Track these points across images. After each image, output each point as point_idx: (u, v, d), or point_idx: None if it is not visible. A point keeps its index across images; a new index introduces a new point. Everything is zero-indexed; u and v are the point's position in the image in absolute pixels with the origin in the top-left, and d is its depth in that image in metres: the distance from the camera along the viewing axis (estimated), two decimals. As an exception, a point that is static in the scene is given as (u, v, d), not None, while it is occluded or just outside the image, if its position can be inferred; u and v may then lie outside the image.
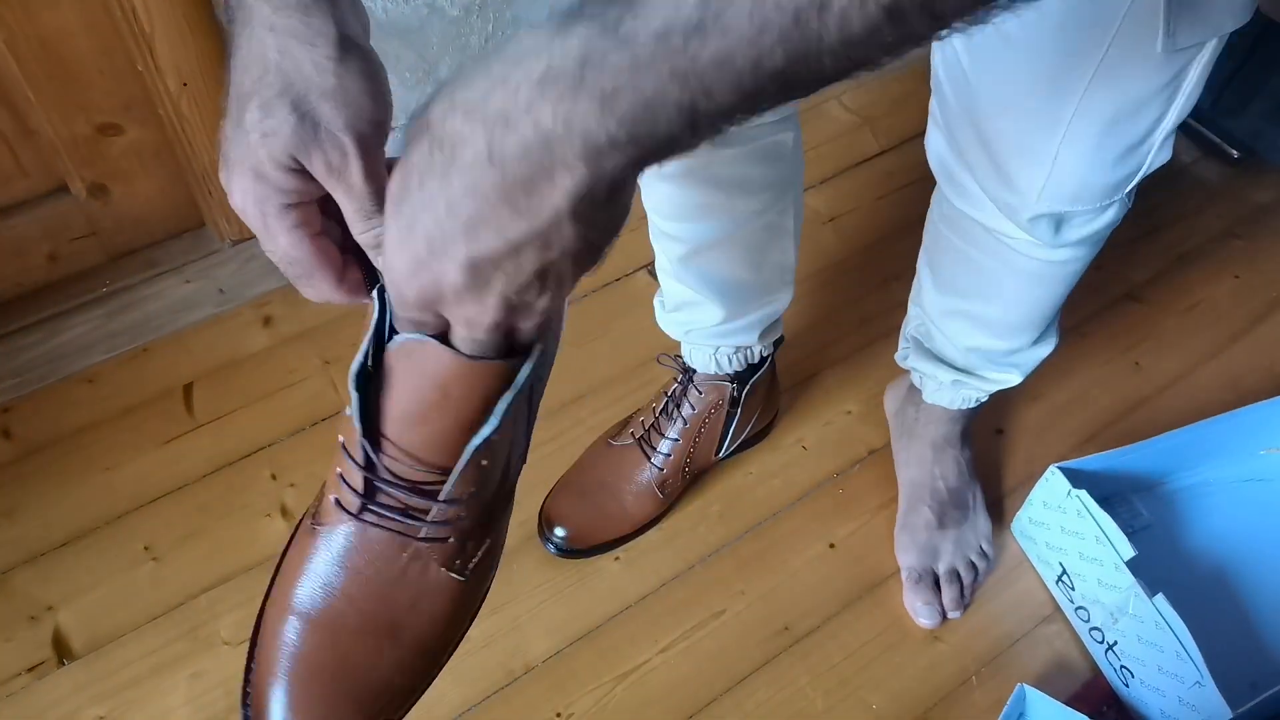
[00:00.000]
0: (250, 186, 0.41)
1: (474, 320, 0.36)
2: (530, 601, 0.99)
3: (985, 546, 1.04)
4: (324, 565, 0.45)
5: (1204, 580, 1.02)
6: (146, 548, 1.02)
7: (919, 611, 0.99)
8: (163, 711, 0.92)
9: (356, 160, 0.41)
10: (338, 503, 0.44)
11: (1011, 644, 1.00)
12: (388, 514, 0.44)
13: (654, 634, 0.98)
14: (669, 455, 1.02)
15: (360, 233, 0.43)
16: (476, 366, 0.38)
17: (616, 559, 1.03)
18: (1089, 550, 0.95)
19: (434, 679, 0.48)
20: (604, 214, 0.34)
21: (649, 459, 1.02)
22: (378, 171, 0.42)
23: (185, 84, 1.08)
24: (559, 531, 1.01)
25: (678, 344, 1.02)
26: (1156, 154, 0.69)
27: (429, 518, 0.44)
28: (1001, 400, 1.16)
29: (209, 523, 1.04)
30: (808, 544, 1.05)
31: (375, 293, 0.42)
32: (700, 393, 1.01)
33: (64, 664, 0.94)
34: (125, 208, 1.21)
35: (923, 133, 0.82)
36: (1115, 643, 0.94)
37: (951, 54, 0.69)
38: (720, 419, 1.02)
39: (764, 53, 0.29)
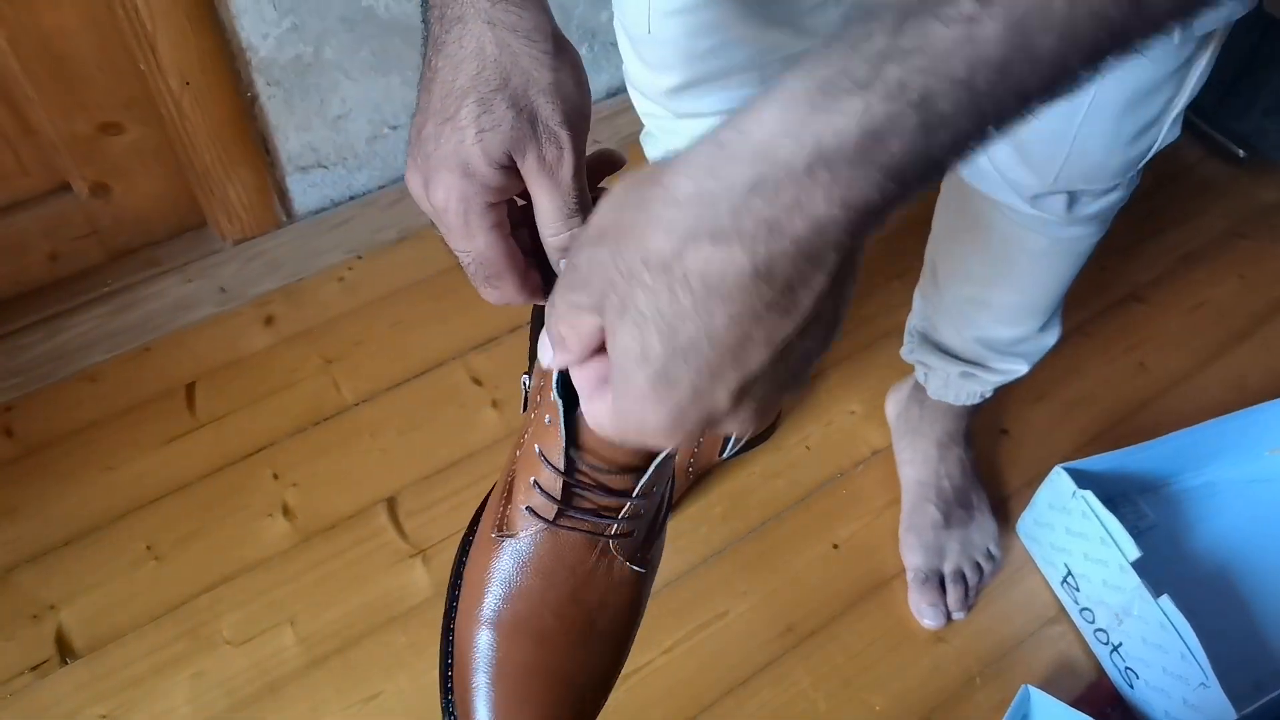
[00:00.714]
0: (456, 183, 0.41)
1: (728, 432, 0.34)
2: (532, 602, 0.99)
3: (993, 548, 1.04)
4: (514, 573, 0.46)
5: (1209, 582, 1.02)
6: (148, 547, 1.01)
7: (924, 612, 0.99)
8: (164, 711, 0.92)
9: (570, 155, 0.41)
10: (530, 510, 0.45)
11: (1016, 645, 0.99)
12: (581, 516, 0.45)
13: (656, 634, 0.98)
14: (672, 455, 1.02)
15: (554, 234, 0.43)
16: None
17: (619, 559, 1.03)
18: (1094, 551, 0.94)
19: (622, 668, 0.49)
20: (855, 268, 0.31)
21: (652, 459, 1.02)
22: (583, 168, 0.42)
23: (187, 83, 1.08)
24: (561, 531, 1.00)
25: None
26: (1168, 133, 0.71)
27: (620, 514, 0.46)
28: (1006, 401, 1.16)
29: (210, 522, 1.03)
30: (811, 544, 1.05)
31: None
32: (703, 392, 1.00)
33: (66, 663, 0.94)
34: (126, 206, 1.21)
35: None
36: (1120, 644, 0.94)
37: None
38: (723, 419, 1.01)
39: (1069, 65, 0.26)
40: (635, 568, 0.48)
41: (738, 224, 0.27)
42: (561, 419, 0.43)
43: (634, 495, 0.45)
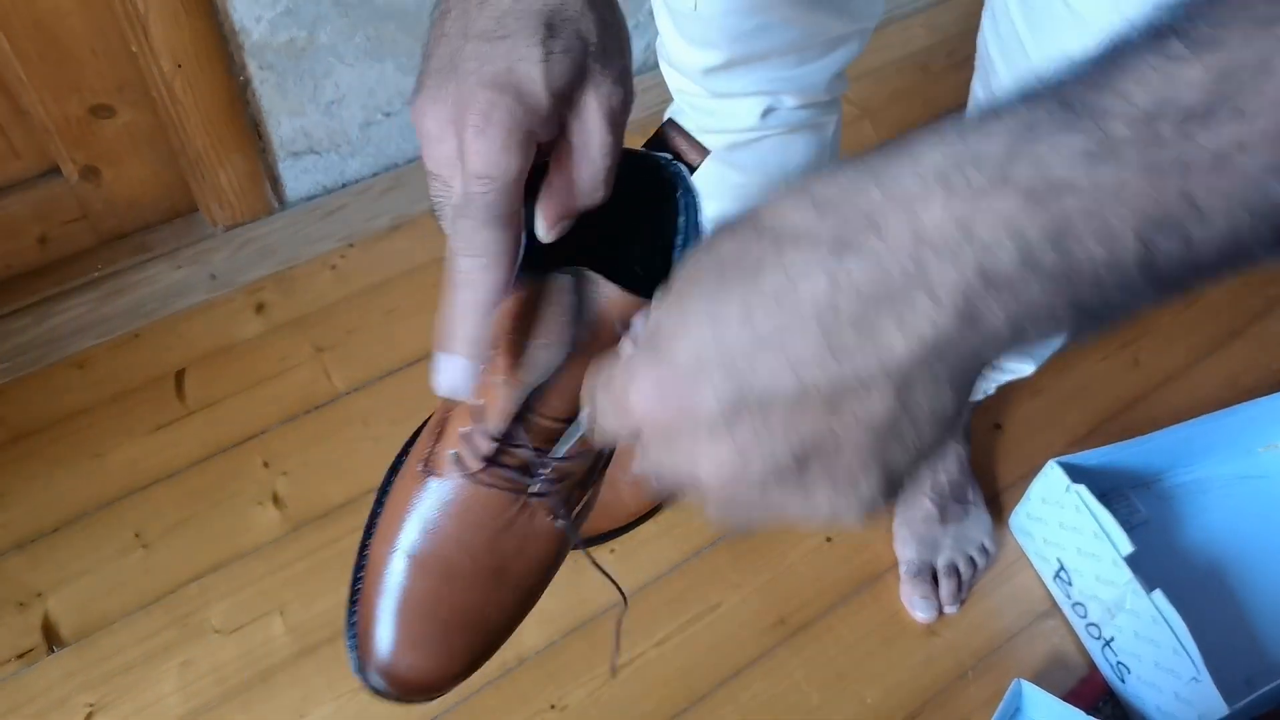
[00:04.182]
0: (504, 102, 0.34)
1: (693, 468, 0.28)
2: (524, 592, 0.99)
3: (987, 543, 1.03)
4: (435, 512, 0.46)
5: (1201, 577, 1.02)
6: (137, 534, 1.01)
7: (916, 605, 0.99)
8: (153, 699, 0.91)
9: (628, 108, 0.38)
10: (457, 458, 0.45)
11: (1008, 639, 1.00)
12: (504, 473, 0.45)
13: (649, 626, 0.98)
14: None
15: (592, 189, 0.38)
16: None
17: (612, 550, 1.02)
18: (1087, 545, 0.94)
19: (526, 615, 0.50)
20: (936, 396, 0.25)
21: (645, 450, 1.01)
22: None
23: (179, 65, 1.07)
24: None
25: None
26: None
27: (542, 474, 0.45)
28: (1000, 396, 1.16)
29: (200, 510, 1.03)
30: (804, 537, 1.05)
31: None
32: (698, 383, 1.00)
33: (53, 651, 0.93)
34: (117, 191, 1.19)
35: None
36: (1112, 638, 0.94)
37: (1009, 29, 0.67)
38: (718, 410, 1.01)
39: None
40: (557, 522, 0.47)
41: (847, 199, 0.25)
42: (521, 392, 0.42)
43: (554, 456, 0.44)
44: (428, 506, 0.46)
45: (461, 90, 0.35)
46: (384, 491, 0.49)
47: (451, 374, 0.36)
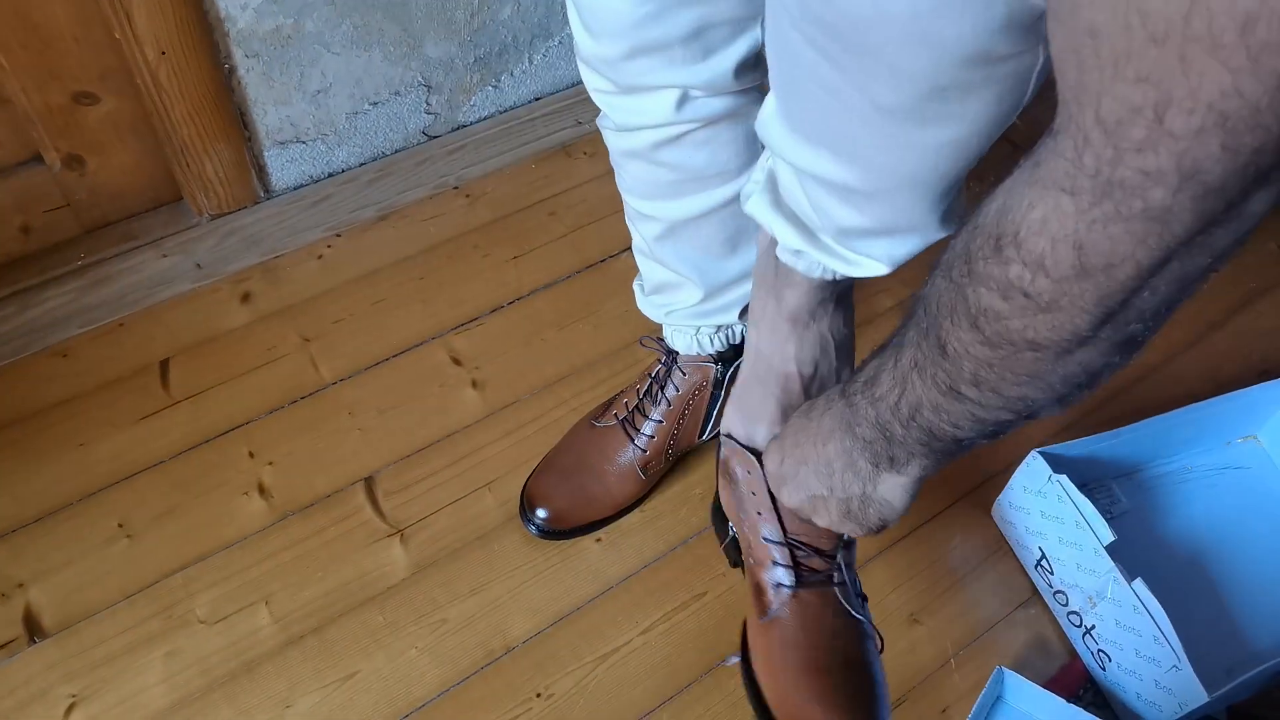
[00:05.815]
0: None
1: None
2: (511, 582, 0.99)
3: None
4: (793, 636, 0.74)
5: (1181, 566, 1.03)
6: (121, 525, 1.00)
7: None
8: (137, 690, 0.91)
9: None
10: (779, 585, 0.73)
11: (990, 627, 1.00)
12: (813, 577, 0.73)
13: (635, 615, 0.98)
14: (652, 436, 1.01)
15: None
16: None
17: (598, 540, 1.03)
18: (1069, 535, 0.95)
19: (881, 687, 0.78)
20: (892, 491, 0.63)
21: (632, 440, 1.02)
22: None
23: (164, 53, 1.06)
24: (540, 512, 1.00)
25: (660, 326, 1.01)
26: None
27: (837, 562, 0.74)
28: (984, 386, 1.16)
29: (185, 500, 1.02)
30: (789, 527, 1.05)
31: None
32: (684, 374, 1.00)
33: (35, 642, 0.93)
34: (101, 179, 1.19)
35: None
36: (1093, 626, 0.95)
37: None
38: (704, 400, 1.01)
39: (902, 421, 0.57)
40: (858, 616, 0.74)
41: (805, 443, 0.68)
42: (770, 502, 0.73)
43: (842, 544, 0.75)
44: (785, 639, 0.73)
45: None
46: (745, 647, 0.80)
47: None
